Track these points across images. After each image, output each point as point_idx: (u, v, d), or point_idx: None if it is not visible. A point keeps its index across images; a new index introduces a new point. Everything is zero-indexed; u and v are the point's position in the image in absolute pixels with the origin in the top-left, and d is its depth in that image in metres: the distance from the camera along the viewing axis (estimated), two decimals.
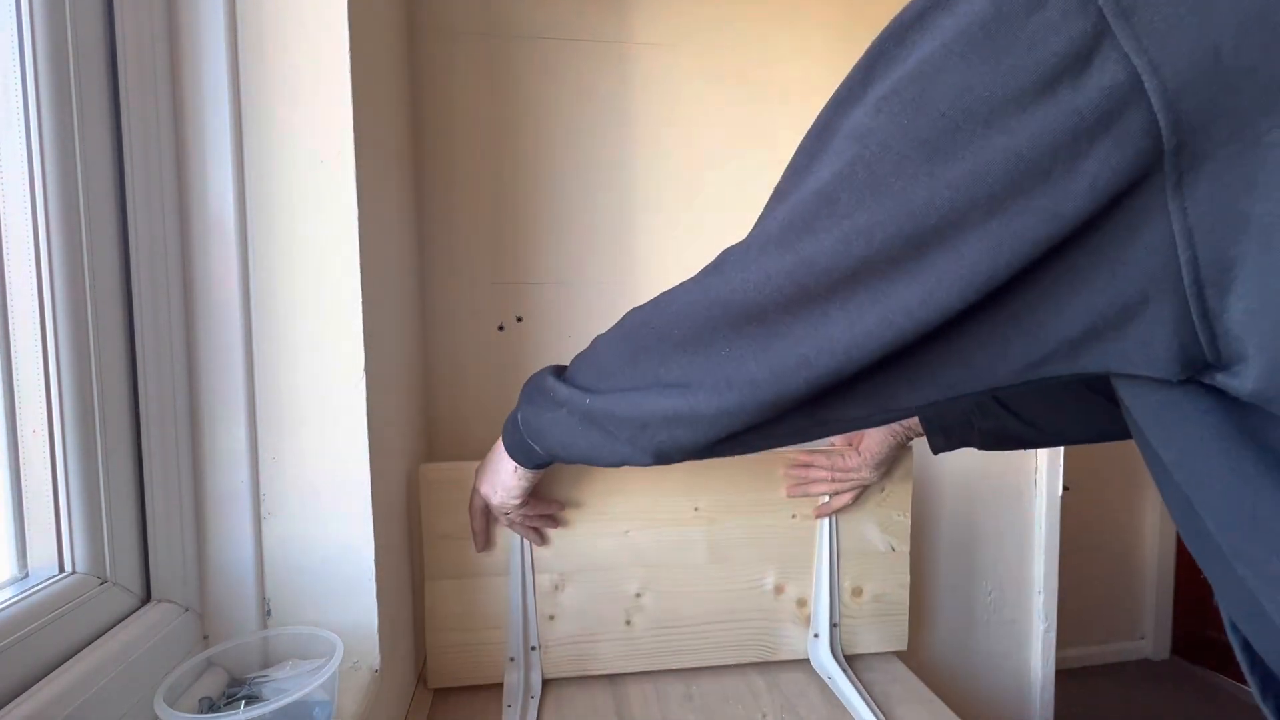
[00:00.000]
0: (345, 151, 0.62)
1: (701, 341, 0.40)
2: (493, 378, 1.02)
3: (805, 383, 0.37)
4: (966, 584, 1.20)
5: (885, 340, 0.34)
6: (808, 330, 0.36)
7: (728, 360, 0.39)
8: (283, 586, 0.65)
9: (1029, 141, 0.28)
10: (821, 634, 0.93)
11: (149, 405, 0.57)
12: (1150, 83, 0.26)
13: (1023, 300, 0.32)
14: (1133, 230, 0.29)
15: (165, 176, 0.58)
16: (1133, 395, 0.36)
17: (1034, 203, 0.29)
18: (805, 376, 0.36)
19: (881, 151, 0.31)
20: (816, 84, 1.07)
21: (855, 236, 0.32)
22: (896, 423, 0.84)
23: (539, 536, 0.86)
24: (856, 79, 0.33)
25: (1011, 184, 0.29)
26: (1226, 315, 0.28)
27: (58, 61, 0.48)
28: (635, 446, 0.46)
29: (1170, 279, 0.29)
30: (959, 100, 0.29)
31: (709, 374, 0.40)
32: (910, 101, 0.30)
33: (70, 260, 0.49)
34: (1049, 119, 0.28)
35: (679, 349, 0.41)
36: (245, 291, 0.62)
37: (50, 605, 0.47)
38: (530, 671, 0.87)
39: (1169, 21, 0.25)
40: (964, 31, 0.29)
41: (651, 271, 1.04)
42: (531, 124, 1.01)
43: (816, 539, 0.93)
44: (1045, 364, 0.33)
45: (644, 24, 1.02)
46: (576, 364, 0.53)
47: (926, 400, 0.38)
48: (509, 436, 0.67)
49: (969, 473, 1.16)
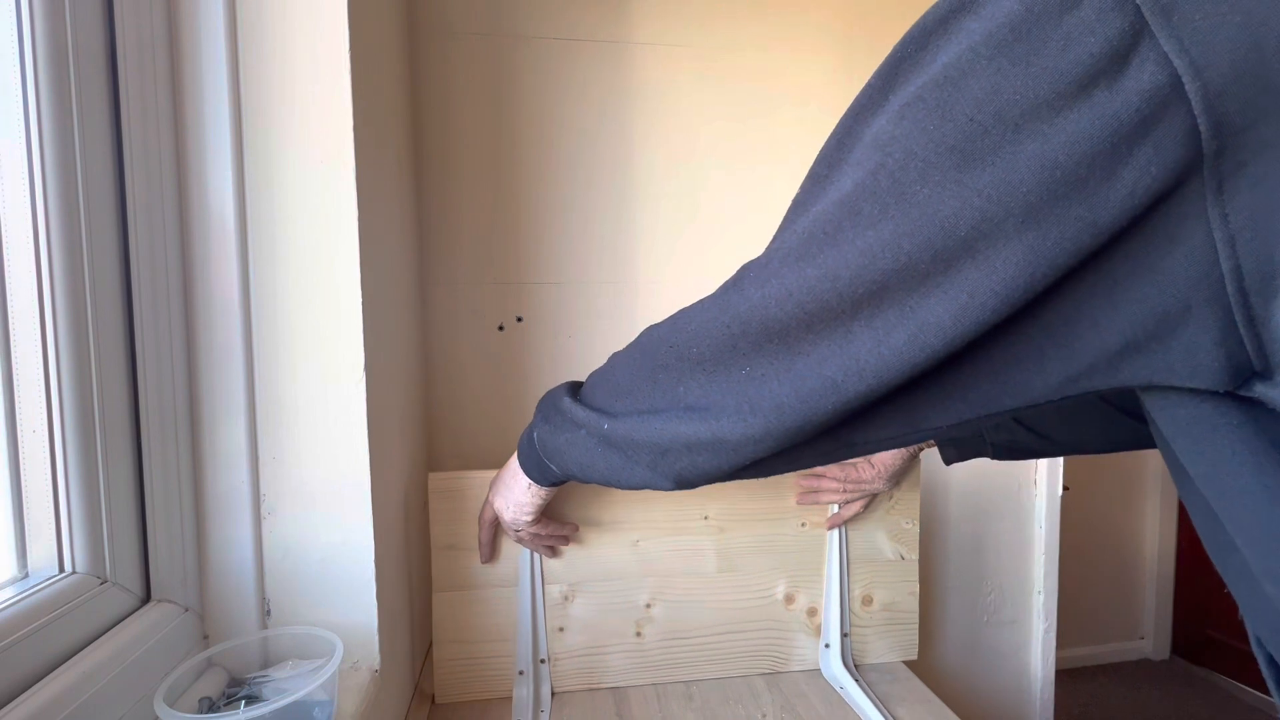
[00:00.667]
0: (345, 152, 0.62)
1: (721, 361, 0.38)
2: (493, 378, 1.02)
3: (832, 406, 0.35)
4: (968, 585, 1.20)
5: (915, 360, 0.32)
6: (832, 350, 0.34)
7: (749, 381, 0.37)
8: (283, 586, 0.65)
9: (1064, 147, 0.27)
10: (833, 644, 0.93)
11: (149, 405, 0.57)
12: (1191, 85, 0.25)
13: (1058, 313, 0.31)
14: (1172, 238, 0.28)
15: (165, 177, 0.58)
16: (1161, 408, 0.35)
17: (1070, 211, 0.28)
18: (832, 401, 0.35)
19: (906, 159, 0.30)
20: (816, 84, 1.07)
21: (880, 249, 0.31)
22: None
23: (551, 552, 0.85)
24: (877, 86, 0.32)
25: (1046, 192, 0.28)
26: (1273, 322, 0.27)
27: (58, 61, 0.48)
28: (655, 471, 0.44)
29: (1212, 287, 0.28)
30: (988, 104, 0.28)
31: (731, 396, 0.38)
32: (935, 107, 0.29)
33: (70, 260, 0.49)
34: (1085, 124, 0.27)
35: (698, 368, 0.39)
36: (245, 291, 0.62)
37: (50, 605, 0.47)
38: (540, 685, 0.86)
39: (1211, 20, 0.24)
40: (992, 34, 0.28)
41: (651, 271, 1.04)
42: (531, 124, 1.01)
43: (826, 547, 0.92)
44: (1084, 378, 0.32)
45: (644, 24, 1.02)
46: (593, 382, 0.51)
47: (959, 419, 0.36)
48: (524, 453, 0.65)
49: (969, 475, 1.16)
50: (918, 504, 0.95)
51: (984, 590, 1.20)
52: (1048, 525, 1.20)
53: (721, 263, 1.05)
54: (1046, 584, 1.21)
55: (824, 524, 0.92)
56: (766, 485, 0.91)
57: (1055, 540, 1.20)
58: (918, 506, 0.95)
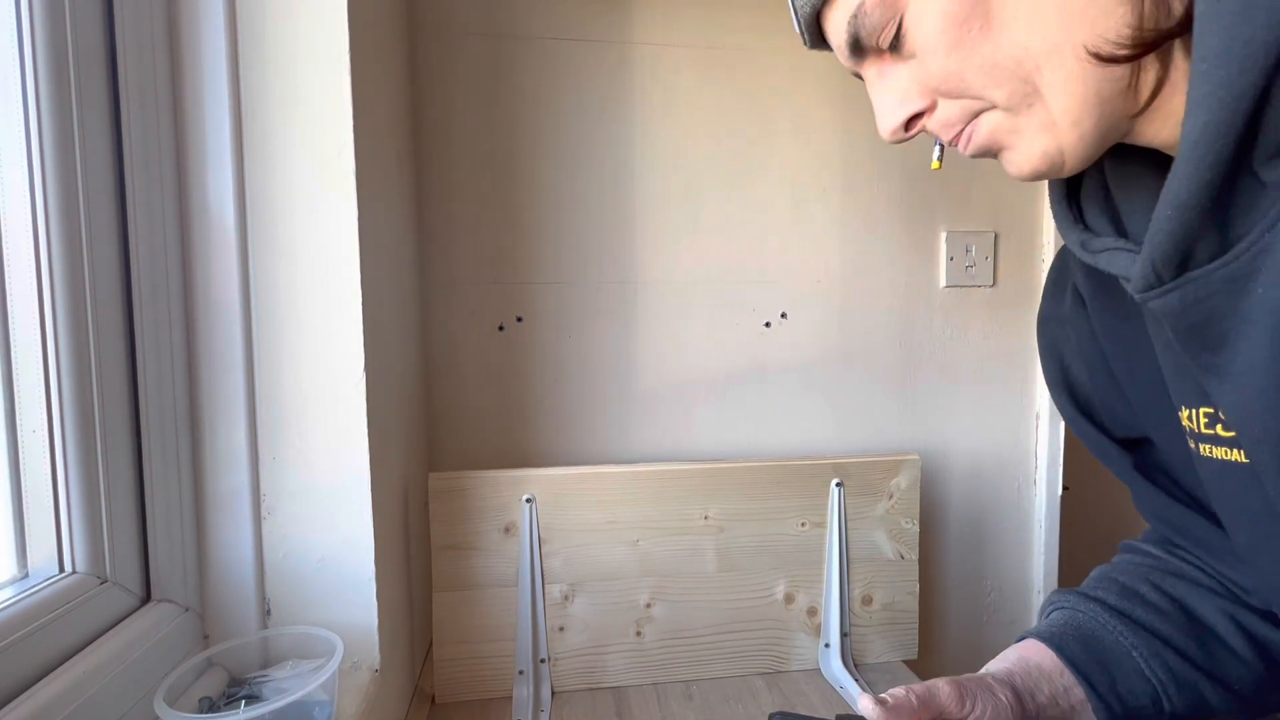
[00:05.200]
0: (345, 152, 0.62)
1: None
2: (493, 378, 1.02)
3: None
4: (968, 585, 1.20)
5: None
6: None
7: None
8: (283, 586, 0.65)
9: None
10: (832, 644, 0.93)
11: (149, 405, 0.57)
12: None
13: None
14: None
15: (165, 177, 0.58)
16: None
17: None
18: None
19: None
20: (815, 85, 1.07)
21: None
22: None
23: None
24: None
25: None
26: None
27: (58, 61, 0.48)
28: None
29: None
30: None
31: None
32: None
33: (70, 260, 0.49)
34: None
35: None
36: (245, 291, 0.62)
37: (50, 605, 0.47)
38: (540, 685, 0.86)
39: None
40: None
41: (651, 271, 1.04)
42: (531, 124, 1.01)
43: (826, 547, 0.92)
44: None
45: (644, 24, 1.02)
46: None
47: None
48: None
49: (969, 475, 1.16)
50: (917, 504, 0.95)
51: (984, 590, 1.20)
52: (1048, 525, 1.19)
53: (722, 261, 1.05)
54: (1046, 584, 1.21)
55: (823, 523, 0.92)
56: (766, 485, 0.91)
57: (1055, 540, 1.20)
58: (917, 506, 0.95)
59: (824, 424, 1.10)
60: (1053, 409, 1.15)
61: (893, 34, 0.40)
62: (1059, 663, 0.51)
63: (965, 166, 1.11)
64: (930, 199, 1.10)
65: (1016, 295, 1.14)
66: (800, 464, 0.92)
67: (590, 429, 1.04)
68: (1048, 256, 1.14)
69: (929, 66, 0.40)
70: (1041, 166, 0.40)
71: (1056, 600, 0.57)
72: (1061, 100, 0.37)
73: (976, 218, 1.12)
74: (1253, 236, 0.34)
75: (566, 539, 0.87)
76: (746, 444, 1.08)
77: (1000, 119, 0.40)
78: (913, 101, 0.42)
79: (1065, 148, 0.38)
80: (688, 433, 1.06)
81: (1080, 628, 0.53)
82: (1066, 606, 0.56)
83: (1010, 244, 1.14)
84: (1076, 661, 0.50)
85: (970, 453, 1.15)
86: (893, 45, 0.40)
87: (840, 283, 1.09)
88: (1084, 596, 0.55)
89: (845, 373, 1.10)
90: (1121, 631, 0.51)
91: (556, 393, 1.03)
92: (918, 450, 1.11)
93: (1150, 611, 0.52)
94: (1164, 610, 0.53)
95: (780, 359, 1.08)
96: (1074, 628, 0.53)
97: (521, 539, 0.85)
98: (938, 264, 1.11)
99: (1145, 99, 0.37)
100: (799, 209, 1.07)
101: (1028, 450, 1.18)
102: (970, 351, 1.13)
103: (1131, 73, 0.36)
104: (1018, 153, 0.40)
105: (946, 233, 1.11)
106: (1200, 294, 0.36)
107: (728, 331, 1.06)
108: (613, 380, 1.04)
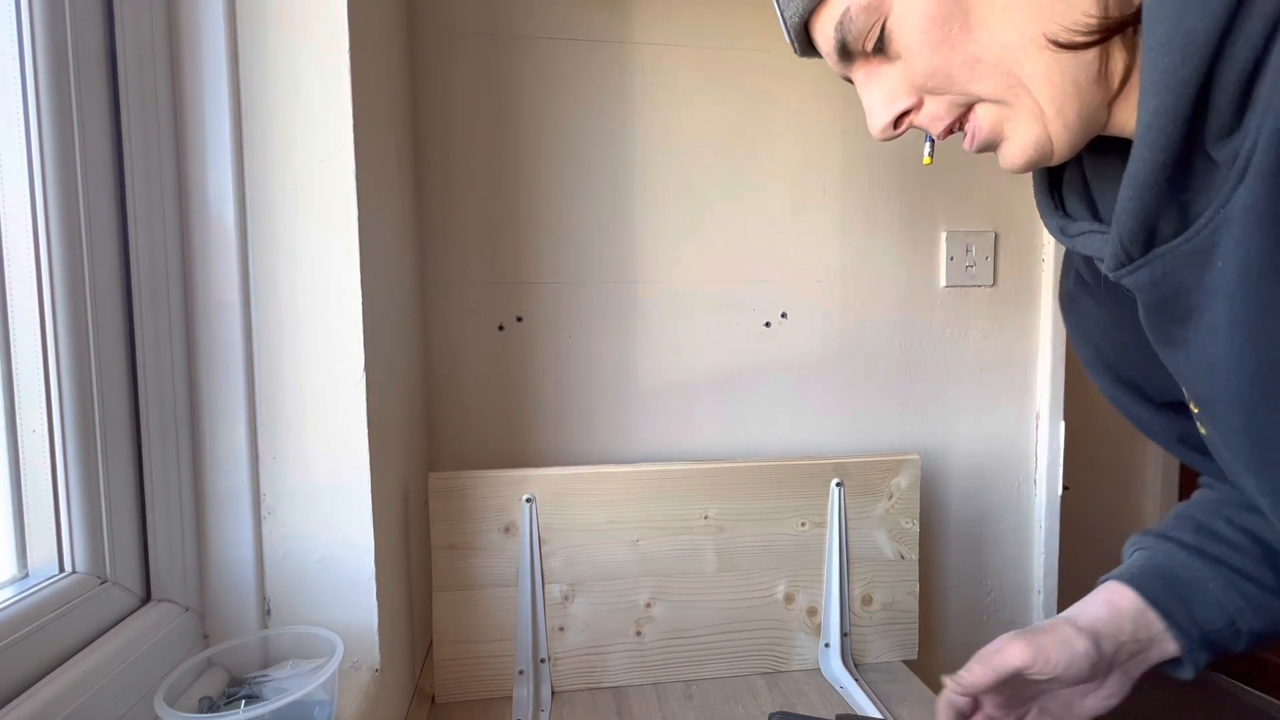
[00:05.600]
0: (345, 152, 0.62)
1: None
2: (493, 378, 1.02)
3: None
4: (968, 585, 1.20)
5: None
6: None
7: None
8: (283, 586, 0.65)
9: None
10: (832, 643, 0.93)
11: (149, 405, 0.57)
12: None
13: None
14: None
15: (165, 177, 0.58)
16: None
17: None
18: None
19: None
20: (815, 84, 1.07)
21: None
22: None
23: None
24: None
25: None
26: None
27: (58, 61, 0.48)
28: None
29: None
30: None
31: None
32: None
33: (70, 260, 0.49)
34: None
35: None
36: (245, 291, 0.62)
37: (50, 605, 0.47)
38: (540, 685, 0.86)
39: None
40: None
41: (651, 271, 1.04)
42: (531, 124, 1.01)
43: (826, 547, 0.92)
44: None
45: (644, 24, 1.02)
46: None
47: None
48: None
49: (969, 475, 1.16)
50: (918, 503, 0.95)
51: (984, 590, 1.20)
52: (1048, 525, 1.19)
53: (721, 261, 1.05)
54: (1046, 584, 1.21)
55: (823, 523, 0.92)
56: (766, 485, 0.91)
57: (1055, 540, 1.20)
58: (918, 506, 0.95)
59: (824, 424, 1.10)
60: (1053, 409, 1.15)
61: (877, 37, 0.42)
62: (1138, 600, 0.53)
63: (965, 166, 1.11)
64: (930, 199, 1.10)
65: (1017, 295, 1.14)
66: (800, 464, 0.92)
67: (590, 429, 1.04)
68: (1048, 256, 1.15)
69: (914, 66, 0.42)
70: (1034, 155, 0.42)
71: (1136, 542, 0.61)
72: (1044, 89, 0.39)
73: (976, 218, 1.12)
74: (1209, 213, 0.36)
75: (566, 539, 0.87)
76: (746, 444, 1.08)
77: (996, 111, 0.42)
78: (900, 100, 0.44)
79: (1054, 135, 0.40)
80: (688, 433, 1.06)
81: (1159, 566, 0.56)
82: (1145, 548, 0.59)
83: (1010, 244, 1.14)
84: (1154, 596, 0.53)
85: (970, 453, 1.15)
86: (878, 48, 0.42)
87: (840, 282, 1.09)
88: (1162, 537, 0.58)
89: (845, 373, 1.10)
90: (1198, 566, 0.54)
91: (556, 393, 1.03)
92: (918, 450, 1.11)
93: (1224, 545, 0.55)
94: (1237, 544, 0.55)
95: (780, 359, 1.08)
96: (1152, 566, 0.56)
97: (521, 539, 0.85)
98: (938, 264, 1.11)
99: (1116, 86, 0.39)
100: (799, 209, 1.07)
101: (1028, 450, 1.18)
102: (970, 351, 1.14)
103: (1100, 60, 0.38)
104: (1011, 143, 0.42)
105: (946, 232, 1.11)
106: (1168, 268, 0.39)
107: (728, 331, 1.06)
108: (613, 380, 1.04)
